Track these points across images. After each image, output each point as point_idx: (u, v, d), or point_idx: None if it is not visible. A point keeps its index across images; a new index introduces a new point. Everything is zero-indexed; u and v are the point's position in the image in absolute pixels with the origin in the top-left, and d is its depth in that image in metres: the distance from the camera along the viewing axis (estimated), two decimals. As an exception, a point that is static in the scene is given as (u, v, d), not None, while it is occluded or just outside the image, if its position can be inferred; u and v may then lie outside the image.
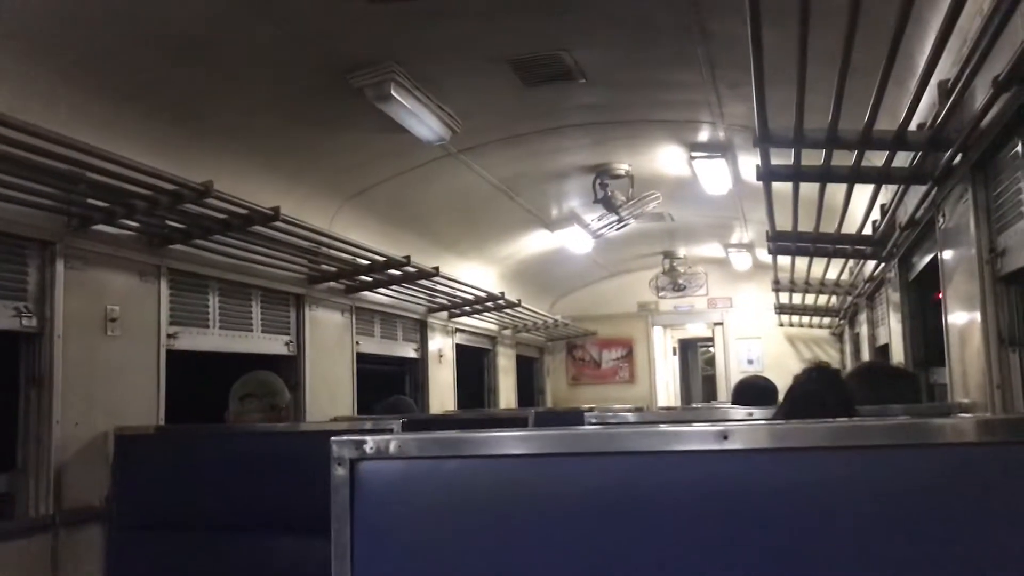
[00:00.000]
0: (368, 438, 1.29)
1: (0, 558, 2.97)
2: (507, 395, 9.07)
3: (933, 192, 3.12)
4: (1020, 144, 2.24)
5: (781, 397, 4.37)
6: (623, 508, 1.21)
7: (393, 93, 3.80)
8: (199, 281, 4.13)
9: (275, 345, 4.76)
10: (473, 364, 8.55)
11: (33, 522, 3.14)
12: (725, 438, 1.17)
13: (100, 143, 3.07)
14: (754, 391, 4.09)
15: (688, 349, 14.43)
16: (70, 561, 3.21)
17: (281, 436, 3.13)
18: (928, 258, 3.71)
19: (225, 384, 3.59)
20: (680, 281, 10.28)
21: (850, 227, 4.46)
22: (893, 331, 4.78)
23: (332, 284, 5.26)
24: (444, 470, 1.28)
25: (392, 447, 1.28)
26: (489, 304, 7.33)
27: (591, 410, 4.74)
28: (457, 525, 1.25)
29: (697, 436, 1.19)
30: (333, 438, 1.29)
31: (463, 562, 1.24)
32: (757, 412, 2.96)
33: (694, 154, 5.49)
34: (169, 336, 3.87)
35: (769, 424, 1.18)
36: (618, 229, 6.83)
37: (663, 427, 1.24)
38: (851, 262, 5.84)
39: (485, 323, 8.24)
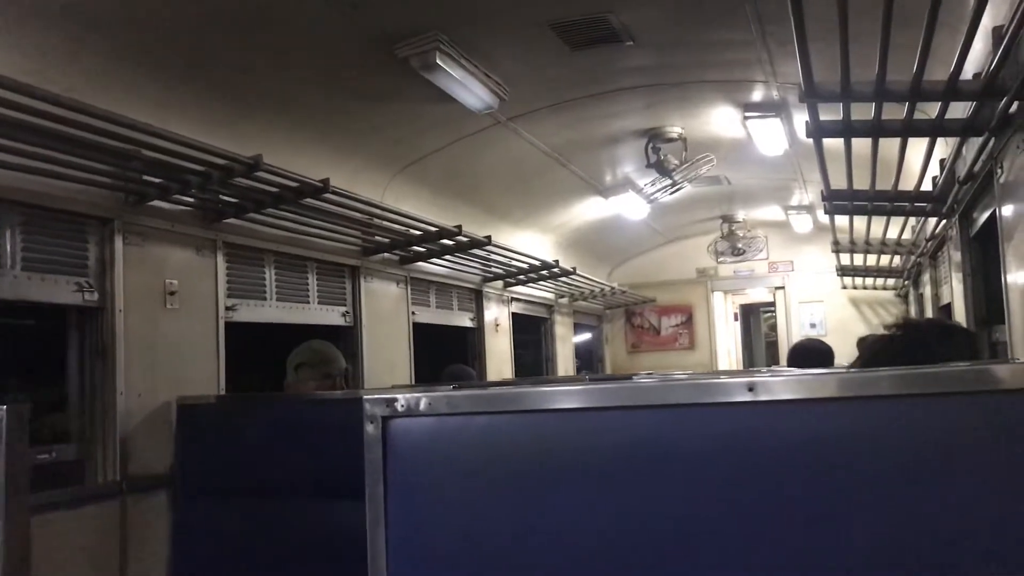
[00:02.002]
0: (399, 395, 1.31)
1: (72, 523, 3.09)
2: (565, 363, 9.09)
3: (990, 143, 3.02)
4: (1077, 89, 2.16)
5: (839, 361, 4.32)
6: (653, 461, 1.22)
7: (438, 62, 3.81)
8: (255, 254, 4.22)
9: (332, 316, 4.85)
10: (531, 332, 8.58)
11: (101, 489, 3.27)
12: (751, 390, 1.16)
13: (153, 120, 3.14)
14: (809, 354, 4.05)
15: (751, 314, 14.23)
16: (138, 525, 3.34)
17: (337, 404, 3.19)
18: (988, 213, 3.60)
19: (286, 354, 3.68)
20: (739, 245, 10.13)
21: (907, 183, 4.34)
22: (955, 290, 4.66)
23: (386, 255, 5.33)
24: (474, 426, 1.30)
25: (423, 404, 1.31)
26: (544, 273, 7.32)
27: (650, 375, 4.73)
28: (488, 480, 1.27)
29: (724, 388, 1.19)
30: (365, 396, 1.32)
31: (494, 516, 1.26)
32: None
33: (748, 114, 5.39)
34: (227, 308, 3.96)
35: (793, 375, 1.17)
36: (672, 193, 6.75)
37: (690, 380, 1.25)
38: (913, 220, 5.70)
39: (541, 292, 8.24)
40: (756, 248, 10.23)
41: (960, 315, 4.46)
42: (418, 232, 5.10)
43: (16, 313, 3.48)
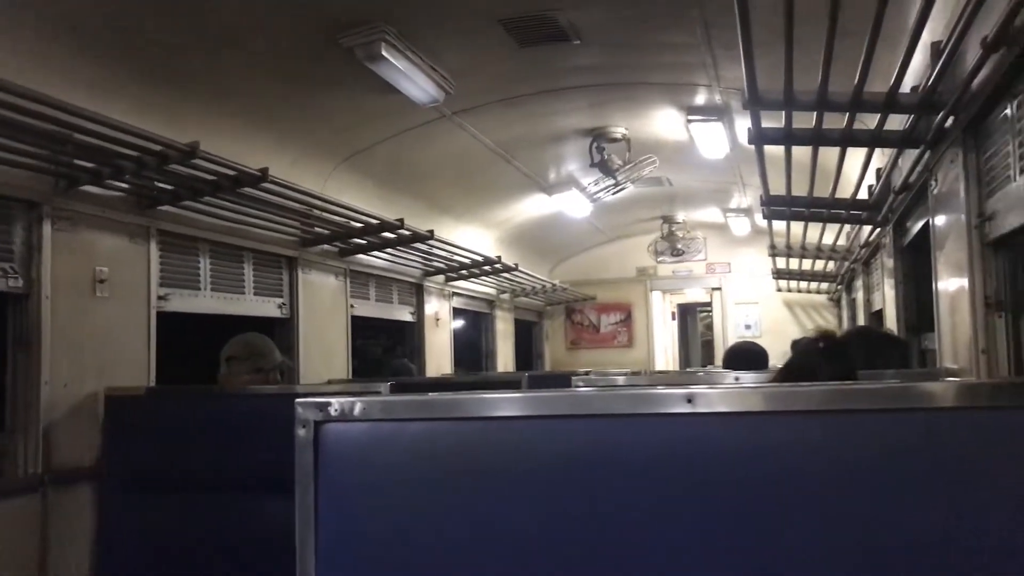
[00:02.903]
0: (333, 400, 1.28)
1: (-11, 516, 2.99)
2: (505, 359, 9.09)
3: (926, 156, 3.09)
4: (1010, 106, 2.21)
5: (773, 362, 4.39)
6: (590, 471, 1.20)
7: (384, 53, 3.76)
8: (190, 243, 4.12)
9: (268, 308, 4.76)
10: (471, 327, 8.57)
11: (22, 482, 3.16)
12: (689, 401, 1.16)
13: (87, 103, 3.04)
14: (744, 356, 4.10)
15: (688, 314, 14.42)
16: (60, 520, 3.23)
17: (269, 398, 3.13)
18: (922, 223, 3.69)
19: (221, 346, 3.59)
20: (679, 246, 10.23)
21: (845, 191, 4.42)
22: (887, 297, 4.77)
23: (326, 247, 5.25)
24: (408, 433, 1.27)
25: (357, 409, 1.27)
26: (486, 268, 7.31)
27: (587, 374, 4.76)
28: (422, 487, 1.24)
29: (662, 399, 1.18)
30: (297, 400, 1.29)
31: (426, 524, 1.23)
32: (744, 377, 2.96)
33: (691, 117, 5.43)
34: (159, 298, 3.86)
35: (733, 388, 1.17)
36: (614, 193, 6.79)
37: (630, 391, 1.23)
38: (848, 227, 5.82)
39: (483, 287, 8.23)
40: (695, 249, 10.35)
41: (891, 321, 4.56)
42: (359, 224, 5.04)
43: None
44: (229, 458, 2.93)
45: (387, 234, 5.35)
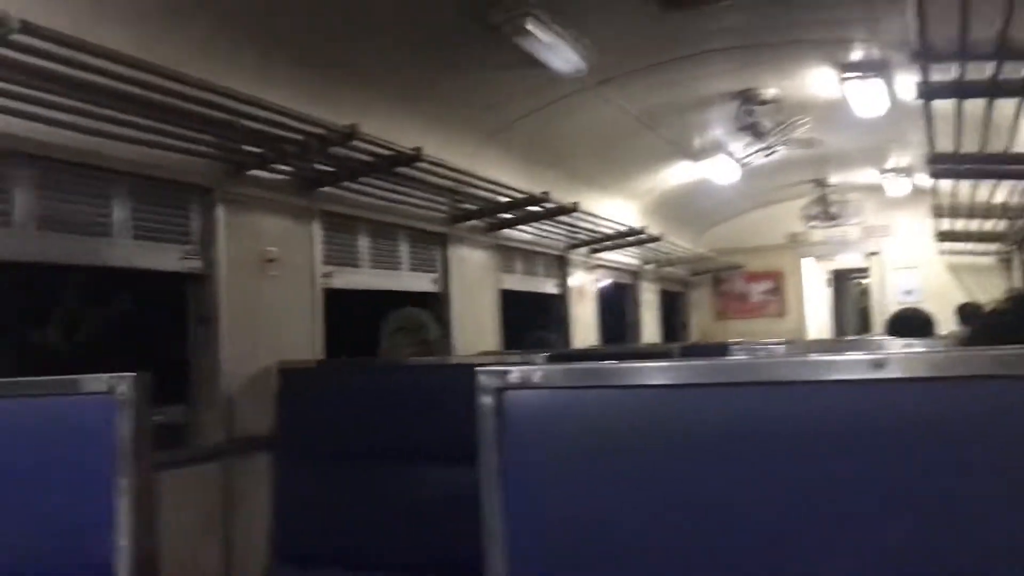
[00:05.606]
0: (513, 368, 1.31)
1: (179, 482, 3.18)
2: (650, 330, 9.01)
3: (1118, 103, 2.85)
4: None
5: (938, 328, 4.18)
6: (771, 440, 1.18)
7: (530, 27, 3.78)
8: (349, 222, 4.28)
9: (422, 282, 4.90)
10: (615, 299, 8.53)
11: (207, 450, 3.38)
12: (879, 367, 1.12)
13: (251, 91, 3.18)
14: (910, 322, 3.92)
15: (842, 280, 13.87)
16: (241, 486, 3.44)
17: (432, 369, 3.22)
18: (1110, 176, 3.42)
19: (379, 320, 3.72)
20: (832, 210, 9.80)
21: (1021, 145, 4.14)
22: (1068, 256, 4.45)
23: (474, 223, 5.34)
24: (587, 400, 1.28)
25: (537, 376, 1.30)
26: (630, 239, 7.26)
27: (738, 343, 4.66)
28: (599, 454, 1.26)
29: (849, 365, 1.14)
30: (479, 368, 1.32)
31: (604, 490, 1.25)
32: (916, 343, 2.84)
33: (846, 75, 5.20)
34: (324, 275, 4.04)
35: (927, 352, 1.12)
36: (767, 156, 6.60)
37: (813, 356, 1.20)
38: (1021, 184, 5.45)
39: (627, 258, 8.17)
40: (849, 212, 9.89)
41: (1073, 283, 4.26)
42: (505, 199, 5.09)
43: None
44: (401, 428, 3.01)
45: (532, 208, 5.39)
